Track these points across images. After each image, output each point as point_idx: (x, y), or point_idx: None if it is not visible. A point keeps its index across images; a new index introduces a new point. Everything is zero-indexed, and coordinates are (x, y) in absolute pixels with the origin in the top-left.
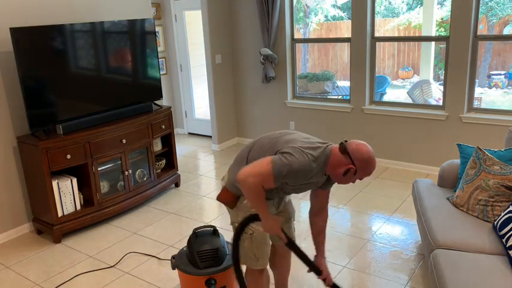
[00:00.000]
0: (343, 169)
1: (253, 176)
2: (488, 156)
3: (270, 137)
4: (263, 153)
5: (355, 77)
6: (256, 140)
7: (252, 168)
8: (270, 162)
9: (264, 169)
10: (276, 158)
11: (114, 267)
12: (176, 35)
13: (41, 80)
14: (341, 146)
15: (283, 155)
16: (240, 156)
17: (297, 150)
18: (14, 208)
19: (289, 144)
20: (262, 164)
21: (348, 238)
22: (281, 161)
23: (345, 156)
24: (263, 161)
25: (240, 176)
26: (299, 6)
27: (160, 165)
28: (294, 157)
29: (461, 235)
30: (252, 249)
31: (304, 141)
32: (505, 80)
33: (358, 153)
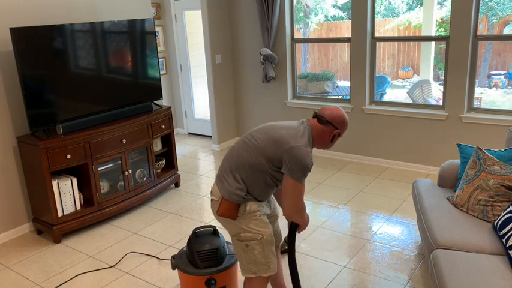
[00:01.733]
0: (329, 137)
1: (298, 201)
2: (488, 156)
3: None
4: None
5: (355, 77)
6: (235, 148)
7: (292, 199)
8: (298, 182)
9: (297, 188)
10: (293, 175)
11: (114, 267)
12: (176, 35)
13: (41, 80)
14: (319, 119)
15: (293, 165)
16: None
17: (297, 151)
18: (14, 208)
19: (286, 147)
20: (293, 188)
21: (348, 238)
22: (296, 172)
23: (326, 126)
24: (290, 186)
25: (290, 213)
26: (299, 6)
27: (160, 165)
28: (298, 159)
29: (461, 235)
30: (264, 253)
31: (291, 134)
32: (505, 80)
33: (338, 118)
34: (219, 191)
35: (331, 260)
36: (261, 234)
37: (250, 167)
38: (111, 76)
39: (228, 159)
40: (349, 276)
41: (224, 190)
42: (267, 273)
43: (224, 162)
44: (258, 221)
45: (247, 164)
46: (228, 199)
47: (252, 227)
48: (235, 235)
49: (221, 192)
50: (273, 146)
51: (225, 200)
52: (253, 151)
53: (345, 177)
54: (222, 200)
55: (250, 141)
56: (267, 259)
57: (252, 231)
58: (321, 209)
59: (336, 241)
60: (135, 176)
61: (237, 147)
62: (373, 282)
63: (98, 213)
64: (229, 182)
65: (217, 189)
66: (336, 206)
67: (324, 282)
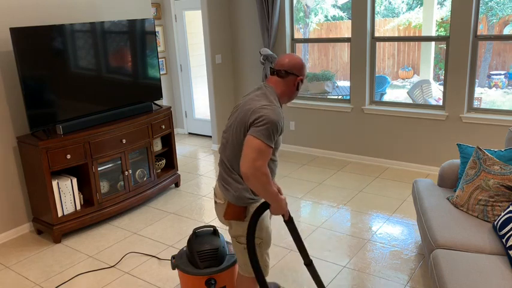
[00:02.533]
0: (294, 86)
1: (256, 159)
2: (488, 156)
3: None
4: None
5: (355, 77)
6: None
7: (248, 156)
8: (256, 138)
9: (257, 145)
10: (253, 132)
11: (114, 267)
12: (176, 35)
13: (41, 80)
14: (278, 73)
15: (257, 123)
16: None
17: (259, 110)
18: (14, 208)
19: (250, 111)
20: (251, 144)
21: (348, 238)
22: (260, 129)
23: (289, 77)
24: (249, 143)
25: (245, 169)
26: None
27: (160, 165)
28: (264, 116)
29: (461, 235)
30: (262, 257)
31: (253, 102)
32: (505, 80)
33: (298, 65)
34: (224, 194)
35: (331, 260)
36: (260, 239)
37: (233, 157)
38: (111, 76)
39: (221, 165)
40: (349, 276)
41: (230, 196)
42: (266, 274)
43: (220, 169)
44: (260, 225)
45: (235, 158)
46: (234, 203)
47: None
48: (236, 236)
49: (226, 196)
50: (242, 121)
51: (231, 205)
52: (232, 142)
53: (345, 177)
54: (229, 205)
55: (226, 136)
56: (263, 263)
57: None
58: (321, 209)
59: (336, 241)
60: (135, 176)
61: (221, 150)
62: (373, 282)
63: (98, 213)
64: (232, 186)
65: (219, 191)
66: (336, 206)
67: (324, 282)
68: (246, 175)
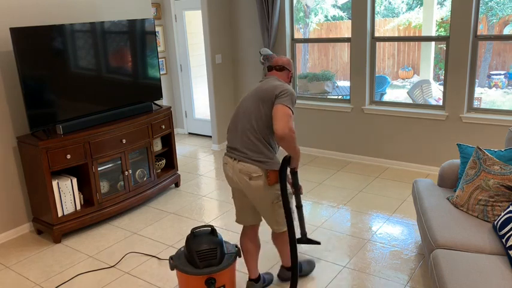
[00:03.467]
0: (289, 78)
1: (288, 123)
2: (488, 156)
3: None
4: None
5: (355, 77)
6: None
7: (282, 118)
8: (285, 106)
9: (287, 111)
10: (281, 101)
11: (114, 267)
12: (176, 35)
13: (41, 80)
14: (276, 68)
15: (281, 95)
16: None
17: (280, 86)
18: (14, 208)
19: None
20: (282, 110)
21: (348, 238)
22: (286, 98)
23: (283, 71)
24: (279, 109)
25: (282, 131)
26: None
27: (160, 165)
28: (285, 89)
29: (461, 235)
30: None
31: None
32: (505, 80)
33: (287, 63)
34: (260, 167)
35: (331, 260)
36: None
37: (268, 129)
38: (111, 76)
39: (248, 147)
40: (349, 276)
41: (268, 164)
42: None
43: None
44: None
45: (266, 127)
46: (274, 169)
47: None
48: (277, 199)
49: (265, 167)
50: (265, 94)
51: (271, 171)
52: (261, 118)
53: (345, 177)
54: (269, 172)
55: (248, 110)
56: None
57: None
58: (321, 209)
59: (336, 241)
60: (135, 176)
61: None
62: (373, 282)
63: (98, 213)
64: (268, 155)
65: (255, 167)
66: (336, 206)
67: (324, 282)
68: (283, 135)
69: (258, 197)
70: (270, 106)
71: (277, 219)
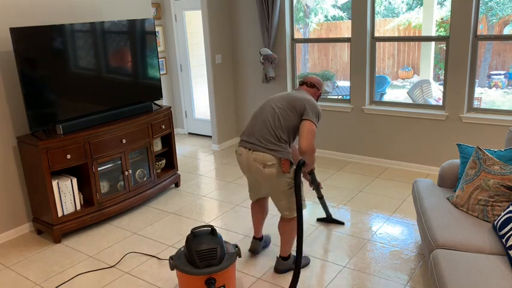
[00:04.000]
0: (316, 97)
1: (313, 139)
2: (488, 156)
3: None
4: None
5: (355, 77)
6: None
7: (308, 137)
8: (312, 123)
9: (313, 129)
10: (308, 116)
11: (114, 267)
12: (176, 35)
13: (41, 80)
14: (307, 84)
15: (309, 112)
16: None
17: (310, 102)
18: (14, 208)
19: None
20: (310, 128)
21: (348, 238)
22: (313, 115)
23: (313, 89)
24: (307, 126)
25: (307, 148)
26: (299, 6)
27: (160, 165)
28: (312, 106)
29: (461, 235)
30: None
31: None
32: (505, 80)
33: (319, 83)
34: (275, 156)
35: (331, 260)
36: (291, 185)
37: (287, 129)
38: (111, 76)
39: (266, 127)
40: (349, 276)
41: (282, 153)
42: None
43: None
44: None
45: (285, 127)
46: (287, 158)
47: (292, 175)
48: (289, 187)
49: (279, 156)
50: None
51: (286, 160)
52: (284, 115)
53: (345, 177)
54: (284, 161)
55: (276, 110)
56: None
57: (292, 178)
58: (321, 209)
59: (336, 241)
60: (135, 176)
61: (268, 118)
62: (373, 282)
63: (98, 213)
64: (281, 146)
65: (270, 156)
66: (336, 206)
67: (324, 282)
68: (306, 151)
69: (271, 184)
70: (297, 115)
71: (289, 205)
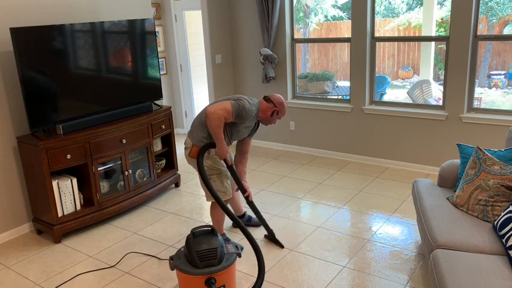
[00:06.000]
0: (270, 112)
1: (220, 109)
2: (488, 156)
3: (217, 101)
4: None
5: (355, 77)
6: (204, 109)
7: (218, 105)
8: (230, 103)
9: (227, 106)
10: (233, 101)
11: (114, 267)
12: (176, 35)
13: (41, 80)
14: (265, 98)
15: (236, 101)
16: (196, 123)
17: (244, 99)
18: (14, 208)
19: (236, 97)
20: (225, 103)
21: (348, 238)
22: (237, 103)
23: (269, 104)
24: (225, 102)
25: (210, 110)
26: (299, 6)
27: (160, 165)
28: (243, 102)
29: (461, 235)
30: (222, 183)
31: (245, 97)
32: (505, 80)
33: (277, 100)
34: (191, 140)
35: (331, 260)
36: (218, 170)
37: None
38: (111, 76)
39: (198, 118)
40: (349, 276)
41: (194, 139)
42: (224, 198)
43: (195, 120)
44: (216, 161)
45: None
46: (196, 145)
47: (211, 165)
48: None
49: (192, 141)
50: (231, 97)
51: (195, 146)
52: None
53: (345, 177)
54: (193, 146)
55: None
56: (225, 187)
57: (211, 168)
58: (321, 209)
59: (336, 241)
60: (135, 176)
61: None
62: (373, 282)
63: (98, 213)
64: (197, 133)
65: (188, 139)
66: (336, 206)
67: (324, 282)
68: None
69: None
70: None
71: (205, 190)
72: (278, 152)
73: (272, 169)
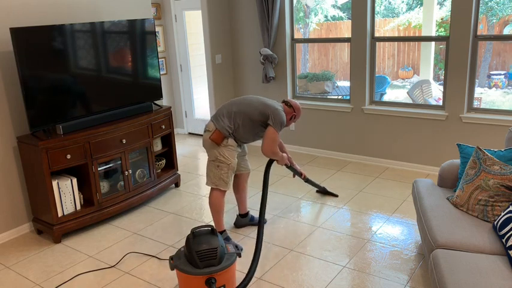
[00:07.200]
0: (290, 116)
1: (273, 146)
2: (488, 156)
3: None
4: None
5: (355, 77)
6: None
7: (269, 143)
8: (275, 131)
9: (275, 137)
10: (272, 124)
11: (114, 267)
12: (176, 35)
13: (41, 80)
14: (286, 103)
15: (275, 119)
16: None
17: (277, 108)
18: (14, 208)
19: (271, 108)
20: (271, 136)
21: (348, 238)
22: (277, 123)
23: (289, 108)
24: (269, 134)
25: (266, 152)
26: (299, 6)
27: (160, 165)
28: (280, 115)
29: (461, 235)
30: (228, 174)
31: (275, 104)
32: (505, 80)
33: (296, 106)
34: (214, 125)
35: (331, 260)
36: (230, 161)
37: (246, 117)
38: (111, 76)
39: (227, 108)
40: (349, 276)
41: (219, 125)
42: (224, 188)
43: (222, 109)
44: (231, 153)
45: (245, 114)
46: (220, 131)
47: (226, 155)
48: (214, 159)
49: (216, 126)
50: (264, 107)
51: (218, 131)
52: (251, 107)
53: (345, 177)
54: (216, 131)
55: (248, 101)
56: (228, 179)
57: (225, 157)
58: (321, 209)
59: (336, 241)
60: (135, 176)
61: (237, 102)
62: (373, 282)
63: (98, 213)
64: (224, 121)
65: (212, 124)
66: (336, 206)
67: (324, 282)
68: (265, 154)
69: (206, 149)
70: (261, 116)
71: (209, 174)
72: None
73: (272, 169)
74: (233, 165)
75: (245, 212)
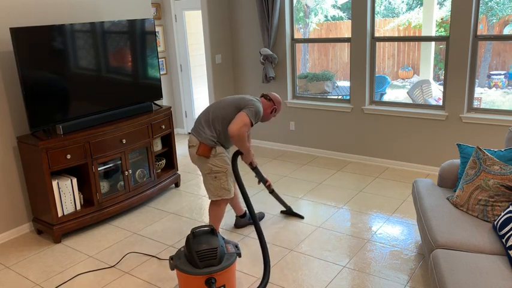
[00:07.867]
0: (270, 109)
1: (242, 127)
2: (488, 156)
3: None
4: (228, 111)
5: (355, 77)
6: (209, 109)
7: (237, 122)
8: (247, 116)
9: (245, 120)
10: (247, 111)
11: (114, 267)
12: (176, 35)
13: (41, 80)
14: (265, 96)
15: (249, 108)
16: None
17: (253, 102)
18: (14, 208)
19: (246, 100)
20: (242, 117)
21: (348, 238)
22: (251, 111)
23: (269, 102)
24: (241, 116)
25: (233, 131)
26: (299, 6)
27: (160, 165)
28: (255, 105)
29: (461, 235)
30: (228, 181)
31: (252, 98)
32: (505, 80)
33: (276, 99)
34: (197, 138)
35: (331, 260)
36: (226, 168)
37: (223, 120)
38: (111, 76)
39: (204, 116)
40: (349, 276)
41: (201, 137)
42: (228, 196)
43: (200, 118)
44: (223, 160)
45: (222, 118)
46: (204, 143)
47: (219, 164)
48: (209, 172)
49: (199, 139)
50: (239, 100)
51: (203, 144)
52: (226, 109)
53: (345, 177)
54: (200, 144)
55: (222, 103)
56: (229, 186)
57: (219, 167)
58: (321, 209)
59: (336, 241)
60: (135, 176)
61: (213, 107)
62: (373, 282)
63: (98, 213)
64: (205, 131)
65: (194, 138)
66: (336, 206)
67: (324, 282)
68: (232, 135)
69: (197, 165)
70: (237, 111)
71: (209, 187)
72: (278, 152)
73: (272, 169)
74: (230, 170)
75: (242, 212)
